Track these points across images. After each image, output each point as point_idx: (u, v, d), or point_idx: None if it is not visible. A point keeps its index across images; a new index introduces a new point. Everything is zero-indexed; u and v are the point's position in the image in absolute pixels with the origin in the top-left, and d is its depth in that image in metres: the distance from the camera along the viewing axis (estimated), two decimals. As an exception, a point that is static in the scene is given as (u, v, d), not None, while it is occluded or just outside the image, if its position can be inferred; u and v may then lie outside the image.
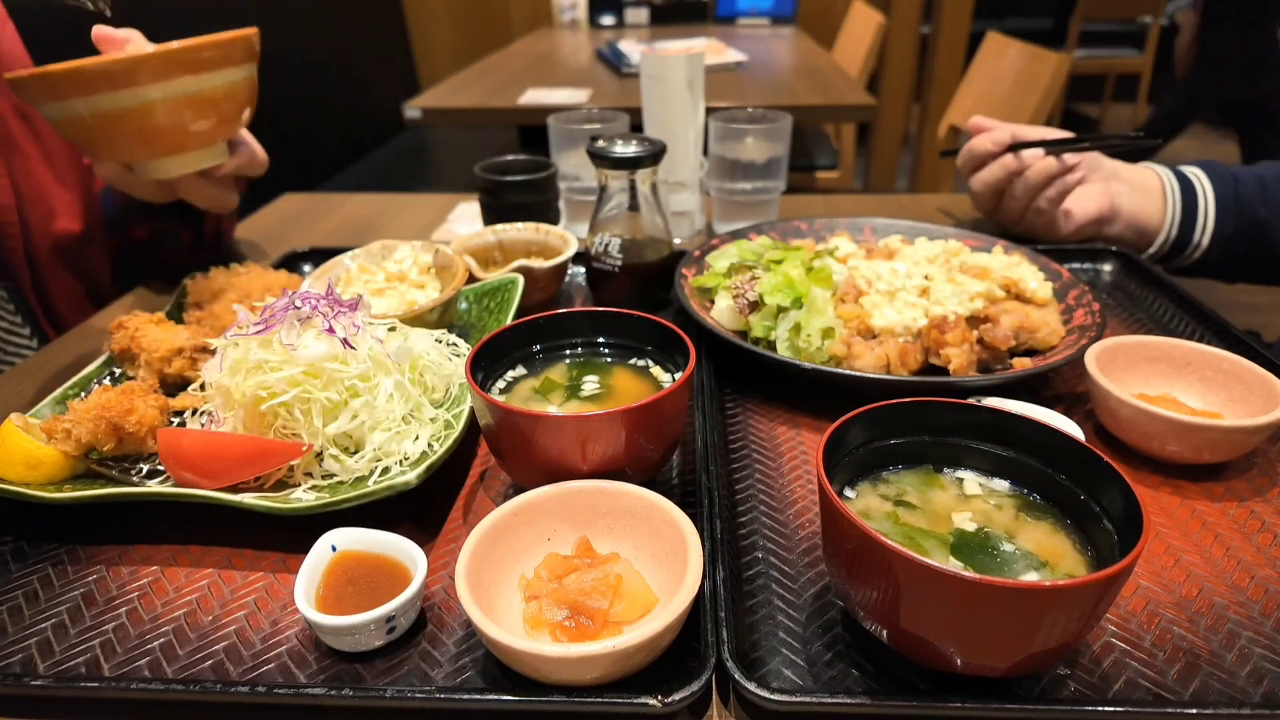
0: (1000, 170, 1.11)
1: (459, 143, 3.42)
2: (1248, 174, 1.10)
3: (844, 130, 3.21)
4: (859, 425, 0.55)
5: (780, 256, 0.90)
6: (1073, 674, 0.51)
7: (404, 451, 0.66)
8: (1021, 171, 1.10)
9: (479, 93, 2.36)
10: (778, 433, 0.77)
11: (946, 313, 0.82)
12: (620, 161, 0.92)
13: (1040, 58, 2.16)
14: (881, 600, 0.47)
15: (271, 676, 0.52)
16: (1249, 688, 0.51)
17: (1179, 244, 1.11)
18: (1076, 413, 0.78)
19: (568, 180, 1.22)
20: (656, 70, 1.16)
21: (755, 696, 0.48)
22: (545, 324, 0.72)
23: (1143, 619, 0.56)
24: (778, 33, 3.56)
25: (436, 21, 4.56)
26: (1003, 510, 0.54)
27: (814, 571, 0.60)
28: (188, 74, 0.82)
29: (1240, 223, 1.08)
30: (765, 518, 0.66)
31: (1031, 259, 0.96)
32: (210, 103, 0.86)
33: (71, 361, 0.93)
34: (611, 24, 3.85)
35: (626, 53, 2.68)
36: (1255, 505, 0.66)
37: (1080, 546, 0.51)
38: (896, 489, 0.56)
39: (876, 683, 0.51)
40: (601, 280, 0.99)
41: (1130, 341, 0.78)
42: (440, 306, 0.85)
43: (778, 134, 1.17)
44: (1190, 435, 0.67)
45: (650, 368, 0.71)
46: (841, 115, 2.52)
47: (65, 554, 0.64)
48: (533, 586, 0.54)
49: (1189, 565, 0.60)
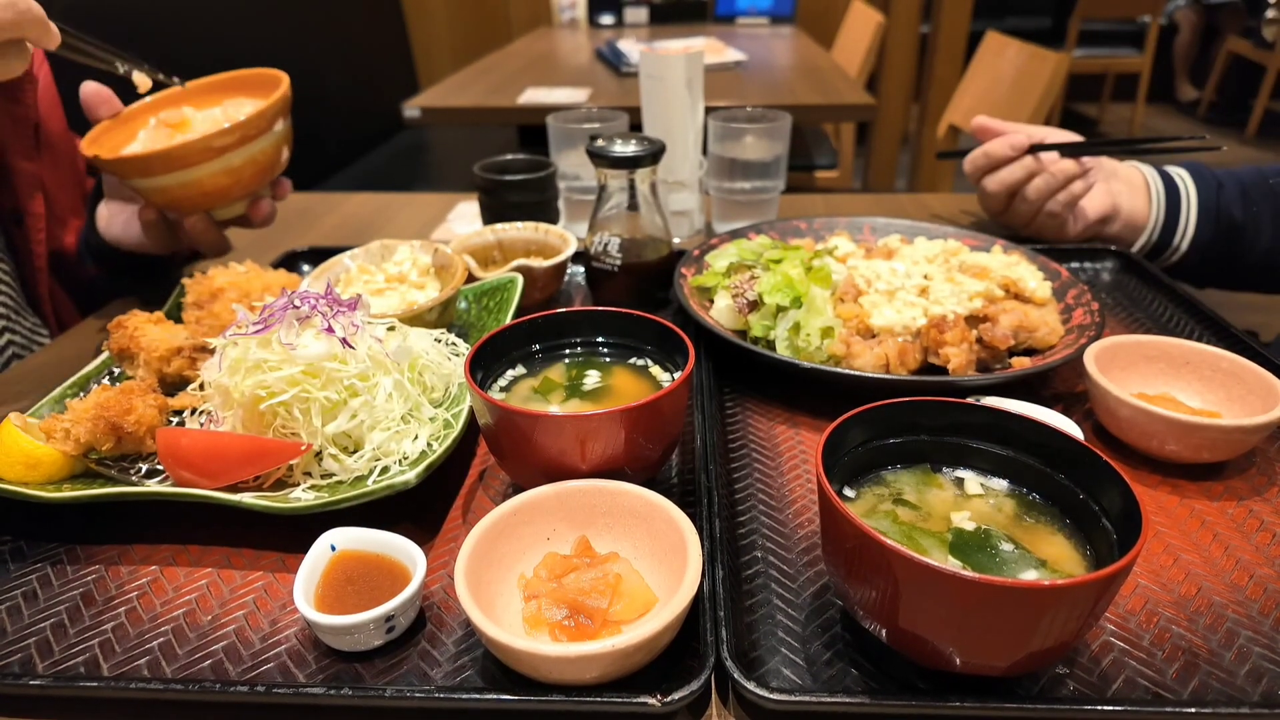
0: (1021, 171, 1.10)
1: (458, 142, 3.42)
2: (1231, 178, 1.10)
3: (843, 130, 3.20)
4: (858, 425, 0.55)
5: (779, 256, 0.90)
6: (1072, 673, 0.51)
7: (403, 451, 0.66)
8: (1040, 173, 1.10)
9: (478, 92, 2.36)
10: (777, 432, 0.77)
11: (945, 312, 0.82)
12: (619, 161, 0.92)
13: (1039, 57, 2.16)
14: (880, 599, 0.47)
15: (271, 676, 0.52)
16: (1248, 686, 0.51)
17: (1159, 246, 1.11)
18: (1075, 412, 0.78)
19: (567, 180, 1.22)
20: (656, 70, 1.16)
21: (754, 696, 0.48)
22: (544, 323, 0.72)
23: (1141, 618, 0.56)
24: (777, 32, 3.56)
25: (436, 21, 4.55)
26: (1002, 510, 0.54)
27: (813, 571, 0.60)
28: (250, 140, 0.91)
29: (1218, 227, 1.08)
30: (764, 517, 0.66)
31: (1030, 258, 0.96)
32: (262, 157, 0.94)
33: (70, 361, 0.93)
34: (611, 23, 3.85)
35: (626, 52, 2.68)
36: (1254, 504, 0.66)
37: (1079, 546, 0.51)
38: (895, 488, 0.56)
39: (876, 682, 0.51)
40: (601, 280, 0.99)
41: (1129, 341, 0.78)
42: (439, 306, 0.85)
43: (777, 133, 1.17)
44: (1189, 434, 0.67)
45: (649, 367, 0.71)
46: (841, 115, 2.52)
47: (64, 553, 0.64)
48: (532, 586, 0.54)
49: (1188, 564, 0.60)
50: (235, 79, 1.02)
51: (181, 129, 0.98)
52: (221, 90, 1.02)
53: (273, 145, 0.94)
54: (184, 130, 0.98)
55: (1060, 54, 2.09)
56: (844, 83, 2.43)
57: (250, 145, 0.91)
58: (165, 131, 0.98)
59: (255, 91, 1.00)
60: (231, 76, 1.02)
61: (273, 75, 0.98)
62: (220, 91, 1.02)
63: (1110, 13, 4.99)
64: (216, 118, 0.99)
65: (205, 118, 1.00)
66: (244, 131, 0.89)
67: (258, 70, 1.01)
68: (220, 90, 1.02)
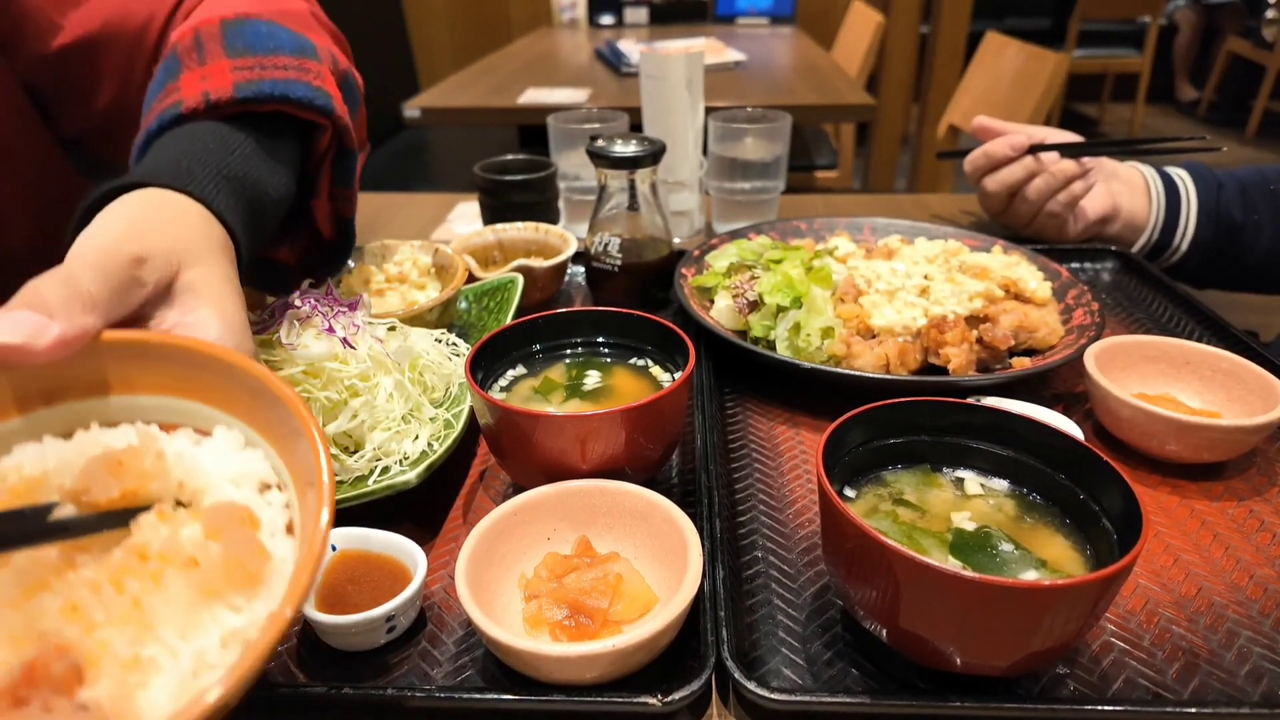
0: (1022, 171, 1.10)
1: (458, 142, 3.42)
2: (1231, 178, 1.10)
3: (843, 130, 3.20)
4: (858, 425, 0.55)
5: (780, 256, 0.90)
6: (1072, 673, 0.52)
7: (404, 451, 0.66)
8: (1040, 173, 1.10)
9: (478, 92, 2.36)
10: (777, 432, 0.77)
11: (946, 312, 0.82)
12: (620, 161, 0.92)
13: (1039, 57, 2.16)
14: (881, 599, 0.47)
15: (271, 676, 0.52)
16: (1248, 687, 0.51)
17: (1158, 247, 1.11)
18: (1075, 412, 0.78)
19: (567, 180, 1.22)
20: (656, 70, 1.16)
21: (755, 696, 0.48)
22: (545, 324, 0.72)
23: (1142, 618, 0.56)
24: (777, 32, 3.56)
25: (436, 21, 4.55)
26: (1002, 510, 0.54)
27: (813, 571, 0.60)
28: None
29: (1218, 228, 1.08)
30: (765, 517, 0.66)
31: (1030, 258, 0.96)
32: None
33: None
34: (611, 23, 3.85)
35: (626, 52, 2.68)
36: (1254, 504, 0.67)
37: (1079, 546, 0.51)
38: (896, 488, 0.56)
39: (876, 682, 0.51)
40: (601, 280, 0.99)
41: (1129, 341, 0.78)
42: (440, 306, 0.85)
43: (777, 134, 1.17)
44: (1189, 435, 0.67)
45: (650, 367, 0.71)
46: (841, 115, 2.53)
47: (65, 553, 0.63)
48: (532, 586, 0.54)
49: (1188, 564, 0.60)
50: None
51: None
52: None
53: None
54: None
55: (1060, 54, 2.09)
56: (844, 83, 2.43)
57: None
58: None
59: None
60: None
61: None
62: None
63: (1110, 13, 5.00)
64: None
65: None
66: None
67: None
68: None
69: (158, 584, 0.33)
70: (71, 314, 0.40)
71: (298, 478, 0.39)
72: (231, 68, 0.65)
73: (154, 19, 0.82)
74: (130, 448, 0.36)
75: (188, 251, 0.48)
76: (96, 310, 0.41)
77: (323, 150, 0.70)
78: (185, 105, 0.62)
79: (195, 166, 0.56)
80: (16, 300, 0.39)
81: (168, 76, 0.66)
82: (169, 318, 0.47)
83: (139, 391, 0.43)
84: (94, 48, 0.81)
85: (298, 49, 0.69)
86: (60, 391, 0.42)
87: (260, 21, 0.71)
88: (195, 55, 0.66)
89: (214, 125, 0.62)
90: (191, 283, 0.48)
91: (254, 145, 0.63)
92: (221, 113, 0.63)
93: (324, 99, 0.66)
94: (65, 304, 0.40)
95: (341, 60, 0.74)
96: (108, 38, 0.81)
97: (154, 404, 0.43)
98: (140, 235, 0.47)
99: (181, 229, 0.50)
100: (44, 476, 0.38)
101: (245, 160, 0.60)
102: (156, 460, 0.37)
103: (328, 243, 0.77)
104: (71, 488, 0.35)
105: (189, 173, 0.55)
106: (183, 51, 0.67)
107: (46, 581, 0.34)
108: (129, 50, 0.82)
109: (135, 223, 0.49)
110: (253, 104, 0.63)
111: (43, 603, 0.33)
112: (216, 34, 0.68)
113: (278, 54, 0.67)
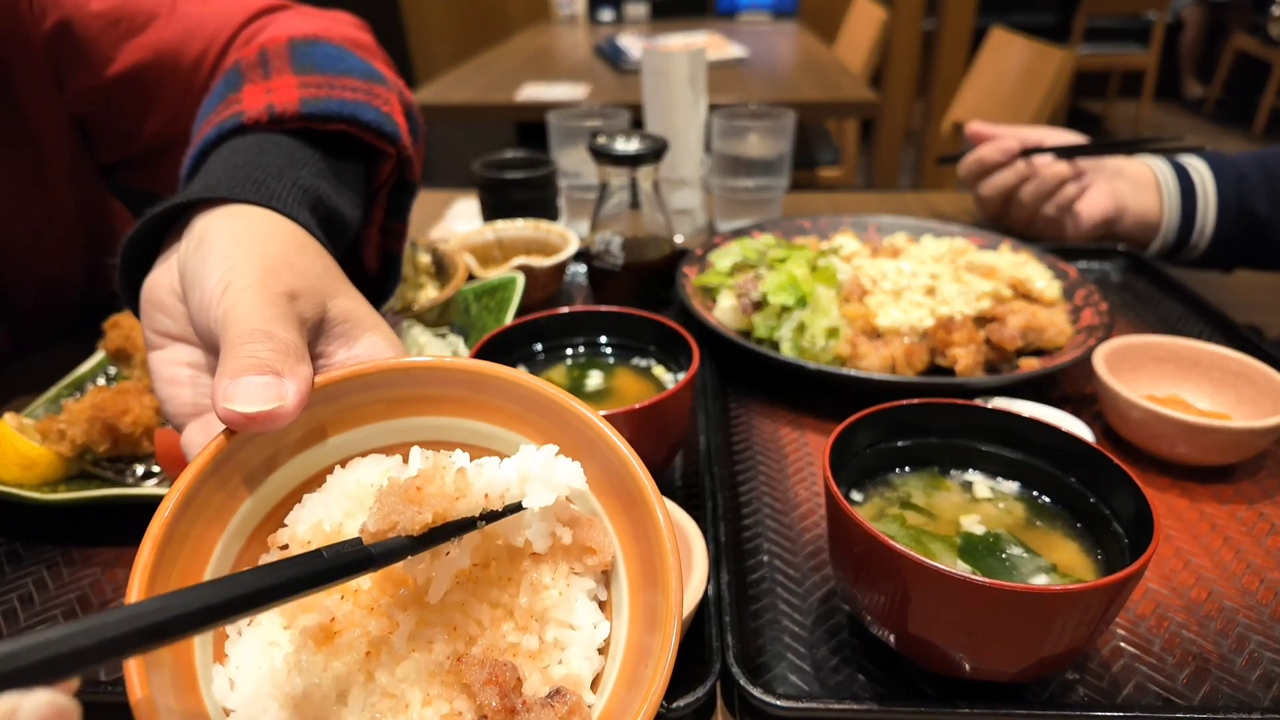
0: (1013, 175, 1.10)
1: (456, 139, 3.41)
2: (1255, 165, 1.06)
3: (847, 127, 3.19)
4: (865, 427, 0.54)
5: (784, 255, 0.89)
6: (1082, 679, 0.51)
7: (404, 452, 0.65)
8: (1031, 177, 1.09)
9: (476, 88, 2.35)
10: (782, 434, 0.76)
11: (953, 312, 0.81)
12: (622, 159, 0.91)
13: (1044, 54, 2.14)
14: (889, 604, 0.46)
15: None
16: (1259, 692, 0.50)
17: (1176, 245, 1.09)
18: (1085, 414, 0.77)
19: (568, 177, 1.21)
20: (658, 66, 1.15)
21: (760, 702, 0.47)
22: (546, 323, 0.71)
23: (1152, 623, 0.55)
24: (779, 28, 3.54)
25: (433, 16, 4.54)
26: (1011, 513, 0.53)
27: (819, 575, 0.59)
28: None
29: (1240, 223, 1.05)
30: (770, 520, 0.65)
31: (1039, 258, 0.95)
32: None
33: (66, 361, 0.92)
34: (610, 19, 3.84)
35: (625, 48, 2.66)
36: (1264, 508, 0.66)
37: (1089, 550, 0.50)
38: (903, 492, 0.55)
39: (883, 688, 0.51)
40: (602, 279, 0.98)
41: (1138, 342, 0.77)
42: (439, 305, 0.84)
43: (781, 130, 1.16)
44: (1199, 437, 0.66)
45: (652, 368, 0.70)
46: (844, 111, 2.51)
47: (60, 556, 0.63)
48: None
49: (1198, 568, 0.60)
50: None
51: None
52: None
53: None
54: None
55: (1065, 50, 2.08)
56: (847, 79, 2.42)
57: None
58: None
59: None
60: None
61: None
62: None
63: (1116, 9, 4.97)
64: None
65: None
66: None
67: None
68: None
69: (533, 584, 0.38)
70: (291, 367, 0.38)
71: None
72: (299, 84, 0.61)
73: (210, 49, 0.80)
74: (422, 472, 0.35)
75: (323, 279, 0.46)
76: (305, 357, 0.40)
77: (382, 180, 0.66)
78: (248, 115, 0.58)
79: (271, 180, 0.52)
80: (232, 365, 0.38)
81: (228, 89, 0.63)
82: (334, 350, 0.45)
83: (362, 424, 0.42)
84: (147, 78, 0.80)
85: (367, 74, 0.66)
86: (279, 453, 0.41)
87: (330, 44, 0.69)
88: (260, 70, 0.64)
89: (278, 137, 0.57)
90: (344, 311, 0.45)
91: (322, 163, 0.58)
92: (283, 127, 0.59)
93: (392, 125, 0.62)
94: (282, 359, 0.38)
95: (407, 93, 0.72)
96: (161, 68, 0.80)
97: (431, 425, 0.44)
98: (274, 271, 0.43)
99: (307, 258, 0.47)
100: (338, 530, 0.38)
101: (315, 177, 0.57)
102: (459, 477, 0.35)
103: (370, 278, 0.75)
104: (375, 530, 0.34)
105: (266, 186, 0.51)
106: (246, 67, 0.64)
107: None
108: (183, 80, 0.80)
109: (263, 257, 0.44)
110: (318, 121, 0.59)
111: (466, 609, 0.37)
112: (284, 52, 0.66)
113: (347, 75, 0.64)
